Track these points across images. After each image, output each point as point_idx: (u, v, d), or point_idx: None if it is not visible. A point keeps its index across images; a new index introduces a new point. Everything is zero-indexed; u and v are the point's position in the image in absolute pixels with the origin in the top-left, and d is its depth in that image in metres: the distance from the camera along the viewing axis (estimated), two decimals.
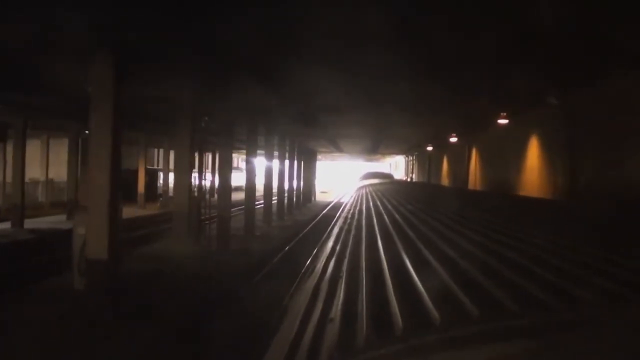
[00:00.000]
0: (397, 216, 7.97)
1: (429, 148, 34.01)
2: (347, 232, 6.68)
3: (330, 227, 15.85)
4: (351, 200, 17.79)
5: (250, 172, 23.39)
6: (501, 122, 17.38)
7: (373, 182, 29.34)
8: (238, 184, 33.21)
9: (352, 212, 9.99)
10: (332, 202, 40.04)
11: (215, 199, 20.32)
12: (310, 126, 24.77)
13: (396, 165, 62.45)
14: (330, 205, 37.71)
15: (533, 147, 16.45)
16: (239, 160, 52.39)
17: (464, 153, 24.94)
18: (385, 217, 7.96)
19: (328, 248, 5.97)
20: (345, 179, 66.27)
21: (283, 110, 18.75)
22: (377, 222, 7.21)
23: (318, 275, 4.19)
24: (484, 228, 5.31)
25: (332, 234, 7.82)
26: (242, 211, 22.32)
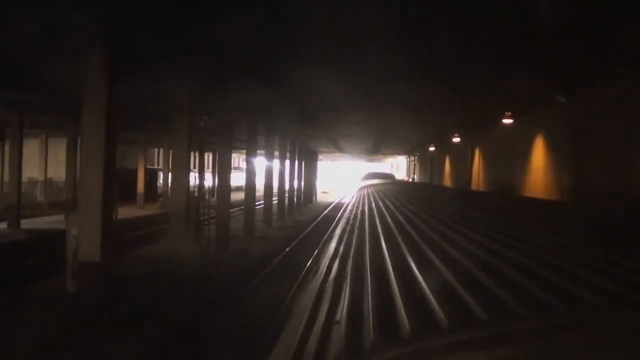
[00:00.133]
0: (400, 217, 7.77)
1: (431, 148, 33.79)
2: (350, 233, 6.48)
3: (331, 228, 15.58)
4: (353, 200, 17.53)
5: (250, 172, 23.16)
6: (505, 122, 17.11)
7: (374, 183, 29.13)
8: (239, 184, 33.01)
9: (355, 213, 9.73)
10: (334, 203, 39.82)
11: (215, 199, 20.07)
12: (310, 126, 24.61)
13: (397, 165, 62.26)
14: (331, 205, 37.48)
15: (538, 147, 16.15)
16: (240, 160, 52.19)
17: (467, 153, 24.69)
18: (387, 218, 7.74)
19: (329, 249, 5.84)
20: (346, 180, 66.14)
21: (283, 110, 18.60)
22: (380, 223, 7.00)
23: (319, 277, 4.04)
24: (485, 228, 5.27)
25: (334, 235, 7.67)
26: (243, 211, 22.09)
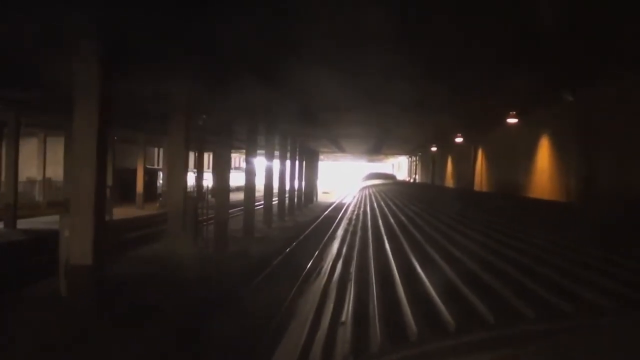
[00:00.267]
0: (403, 217, 7.53)
1: (433, 148, 33.55)
2: (353, 234, 6.25)
3: (332, 229, 15.31)
4: (354, 201, 17.22)
5: (250, 172, 22.88)
6: (509, 122, 16.80)
7: (376, 183, 28.80)
8: (239, 184, 32.75)
9: (357, 213, 9.43)
10: (335, 203, 39.60)
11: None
12: (311, 126, 24.41)
13: (399, 166, 62.08)
14: (332, 206, 37.24)
15: (543, 148, 15.83)
16: (240, 160, 51.96)
17: (470, 153, 24.41)
18: (390, 218, 7.49)
19: (330, 250, 5.69)
20: (347, 180, 65.92)
21: (284, 109, 18.43)
22: (383, 224, 6.74)
23: (321, 279, 3.85)
24: (487, 228, 5.30)
25: (335, 236, 7.54)
26: (242, 212, 21.81)
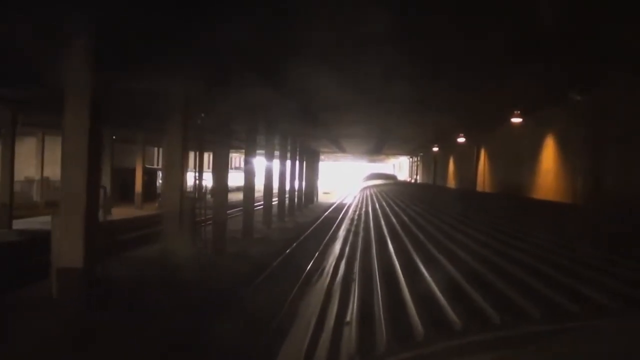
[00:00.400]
0: (405, 217, 7.34)
1: (435, 149, 33.27)
2: (355, 235, 6.05)
3: (332, 230, 15.01)
4: (355, 201, 16.94)
5: (249, 172, 22.58)
6: (514, 121, 16.49)
7: (377, 183, 28.55)
8: (239, 184, 32.47)
9: (358, 214, 9.17)
10: (335, 204, 39.35)
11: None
12: (312, 125, 24.18)
13: (400, 166, 61.86)
14: (333, 206, 36.99)
15: (548, 148, 15.52)
16: (241, 160, 51.68)
17: (472, 154, 24.11)
18: (392, 218, 7.27)
19: (330, 252, 5.57)
20: (348, 180, 65.66)
21: (284, 108, 18.21)
22: (385, 224, 6.52)
23: (322, 283, 3.68)
24: (488, 229, 5.31)
25: (335, 237, 7.43)
26: (242, 212, 21.52)
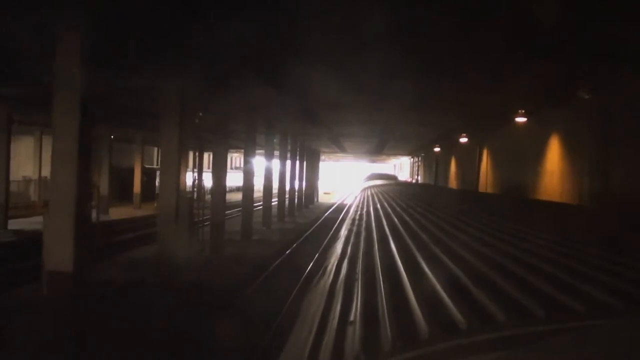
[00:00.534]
0: (407, 218, 7.17)
1: (436, 149, 33.01)
2: (357, 235, 5.90)
3: (333, 231, 14.70)
4: (356, 201, 16.67)
5: (248, 172, 22.28)
6: (517, 121, 16.19)
7: (377, 184, 28.30)
8: (239, 185, 32.22)
9: (359, 214, 8.93)
10: (336, 204, 39.08)
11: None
12: (312, 125, 23.95)
13: (401, 166, 61.68)
14: (333, 206, 36.71)
15: (553, 148, 15.20)
16: (241, 160, 51.41)
17: (474, 154, 23.81)
18: (394, 218, 7.07)
19: (330, 253, 5.49)
20: (349, 180, 65.41)
21: (284, 108, 17.95)
22: (387, 225, 6.30)
23: (323, 288, 3.56)
24: (490, 229, 5.35)
25: (336, 238, 7.24)
26: (241, 213, 21.23)
